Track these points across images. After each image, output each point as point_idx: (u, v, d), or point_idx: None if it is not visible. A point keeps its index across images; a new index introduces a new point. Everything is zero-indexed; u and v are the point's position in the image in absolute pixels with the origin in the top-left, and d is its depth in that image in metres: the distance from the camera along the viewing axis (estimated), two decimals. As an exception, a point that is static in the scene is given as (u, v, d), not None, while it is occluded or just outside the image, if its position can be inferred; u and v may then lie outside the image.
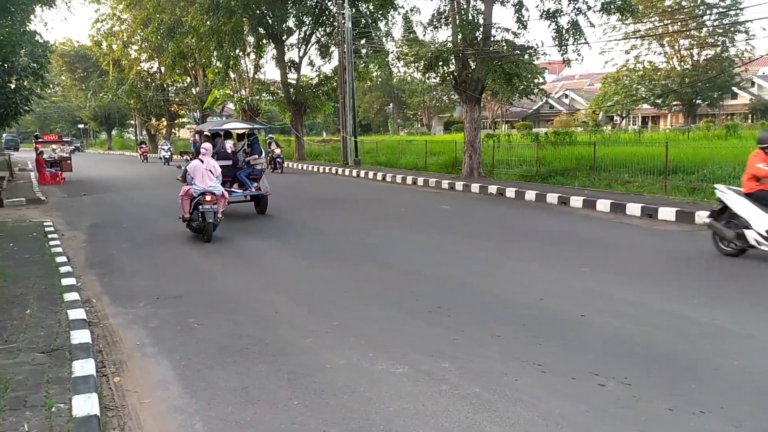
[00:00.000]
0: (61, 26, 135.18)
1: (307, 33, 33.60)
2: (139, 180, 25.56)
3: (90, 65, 60.43)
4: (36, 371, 4.78)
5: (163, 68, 48.57)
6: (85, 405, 4.16)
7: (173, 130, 56.52)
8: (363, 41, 29.41)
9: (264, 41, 34.68)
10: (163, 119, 52.96)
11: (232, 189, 13.65)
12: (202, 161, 11.27)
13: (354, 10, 28.99)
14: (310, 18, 32.69)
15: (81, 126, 77.27)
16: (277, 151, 28.10)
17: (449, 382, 4.72)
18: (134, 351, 5.59)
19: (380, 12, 29.89)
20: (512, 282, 7.66)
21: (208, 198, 10.72)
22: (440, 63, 20.61)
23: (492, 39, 20.01)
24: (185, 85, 49.53)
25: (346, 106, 28.74)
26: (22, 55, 21.78)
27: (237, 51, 33.80)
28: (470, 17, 19.80)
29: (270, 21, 32.50)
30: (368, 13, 30.78)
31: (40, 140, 28.24)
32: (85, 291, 7.64)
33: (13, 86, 23.29)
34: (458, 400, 4.44)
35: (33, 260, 8.97)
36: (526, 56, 20.07)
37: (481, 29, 19.90)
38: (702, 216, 11.79)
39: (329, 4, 31.59)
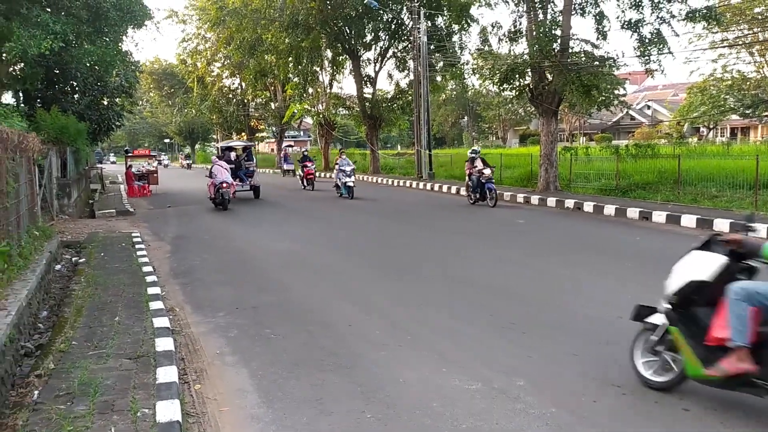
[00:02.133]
0: (150, 45, 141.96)
1: (384, 47, 34.01)
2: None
3: (176, 82, 63.08)
4: (123, 376, 5.00)
5: (243, 84, 50.15)
6: (168, 411, 4.32)
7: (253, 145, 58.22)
8: (438, 54, 29.48)
9: (341, 56, 35.30)
10: (244, 134, 54.59)
11: (235, 183, 21.32)
12: (220, 165, 19.13)
13: (429, 24, 29.14)
14: (386, 33, 33.08)
15: (167, 140, 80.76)
16: (487, 172, 17.77)
17: (524, 401, 4.63)
18: (214, 359, 5.76)
19: (458, 25, 29.86)
20: (590, 299, 7.46)
21: (224, 185, 18.32)
22: (516, 75, 20.40)
23: (570, 50, 19.65)
24: (264, 100, 50.94)
25: (420, 120, 28.85)
26: (115, 75, 23.01)
27: (315, 66, 34.57)
28: (547, 29, 19.53)
29: (347, 36, 33.10)
30: (443, 27, 30.86)
31: (130, 154, 29.67)
32: (168, 300, 7.95)
33: (105, 103, 24.63)
34: (534, 420, 4.34)
35: (122, 269, 9.41)
36: (606, 67, 19.60)
37: (559, 41, 19.58)
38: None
39: (405, 18, 31.89)
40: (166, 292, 8.37)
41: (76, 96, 22.71)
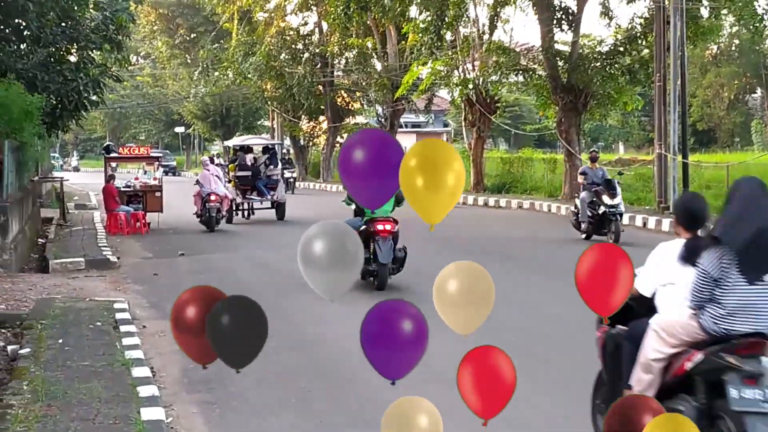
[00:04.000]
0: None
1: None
2: (288, 225, 26.96)
3: (200, 22, 65.41)
4: None
5: (324, 25, 51.06)
6: None
7: (338, 139, 57.91)
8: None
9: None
10: (323, 118, 55.00)
11: (252, 196, 29.85)
12: (209, 170, 26.74)
13: None
14: None
15: (179, 129, 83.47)
16: None
17: None
18: None
19: None
20: None
21: (212, 198, 25.45)
22: None
23: None
24: (363, 56, 50.94)
25: (666, 94, 28.28)
26: (92, 7, 23.97)
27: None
28: None
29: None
30: None
31: (113, 155, 30.74)
32: (180, 432, 8.09)
33: (74, 60, 25.53)
34: None
35: (95, 371, 9.63)
36: None
37: None
38: None
39: None
40: (174, 417, 8.53)
41: (22, 46, 23.74)
